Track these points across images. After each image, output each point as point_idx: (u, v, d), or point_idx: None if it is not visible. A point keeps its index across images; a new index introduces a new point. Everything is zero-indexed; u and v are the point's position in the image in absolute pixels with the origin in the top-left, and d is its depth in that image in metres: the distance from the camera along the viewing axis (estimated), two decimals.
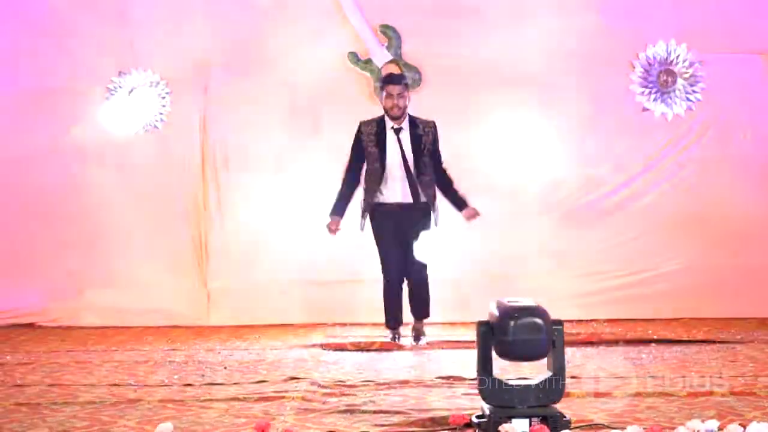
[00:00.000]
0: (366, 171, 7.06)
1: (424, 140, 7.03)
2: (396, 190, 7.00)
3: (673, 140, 8.24)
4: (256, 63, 8.27)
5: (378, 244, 7.09)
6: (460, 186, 7.89)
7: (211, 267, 8.29)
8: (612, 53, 8.24)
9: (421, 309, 7.22)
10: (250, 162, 8.25)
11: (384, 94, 7.03)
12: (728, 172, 8.25)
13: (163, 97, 8.30)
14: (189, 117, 8.29)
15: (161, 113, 8.31)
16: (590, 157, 8.25)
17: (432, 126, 7.10)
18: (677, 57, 8.24)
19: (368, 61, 8.16)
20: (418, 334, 7.17)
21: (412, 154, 6.98)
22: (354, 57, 8.16)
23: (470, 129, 8.19)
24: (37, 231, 8.28)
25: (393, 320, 7.20)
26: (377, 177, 6.98)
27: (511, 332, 4.19)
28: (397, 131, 7.00)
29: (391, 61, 8.13)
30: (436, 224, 7.07)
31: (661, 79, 8.24)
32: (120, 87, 8.30)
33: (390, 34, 8.18)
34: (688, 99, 8.24)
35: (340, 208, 7.08)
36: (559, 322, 4.32)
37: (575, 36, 8.23)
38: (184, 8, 8.29)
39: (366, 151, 7.02)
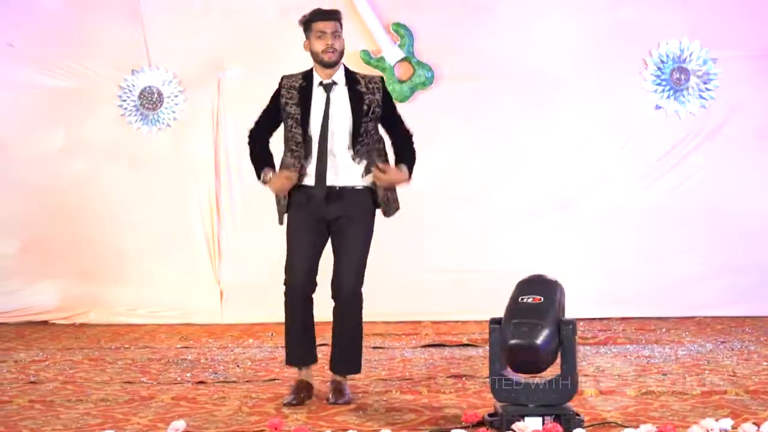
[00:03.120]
0: (285, 140, 5.19)
1: (369, 99, 5.09)
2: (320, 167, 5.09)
3: (687, 138, 8.21)
4: (269, 60, 8.25)
5: (287, 239, 5.14)
6: (473, 185, 7.98)
7: (224, 264, 8.30)
8: (625, 51, 8.21)
9: (344, 360, 5.14)
10: None
11: (312, 34, 5.10)
12: (742, 170, 8.21)
13: (176, 95, 8.32)
14: (202, 115, 8.30)
15: (174, 111, 8.33)
16: (603, 154, 8.22)
17: (379, 81, 5.21)
18: (690, 54, 8.21)
19: (381, 59, 8.15)
20: (337, 392, 5.04)
21: (351, 118, 5.06)
22: (366, 55, 8.15)
23: (483, 127, 8.18)
24: (51, 229, 8.30)
25: (295, 354, 5.13)
26: (299, 148, 5.07)
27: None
28: (328, 88, 5.10)
29: (403, 59, 8.12)
30: (386, 213, 5.20)
31: (674, 76, 8.22)
32: (133, 85, 8.32)
33: (402, 32, 8.17)
34: (701, 97, 8.22)
35: (265, 161, 5.17)
36: (572, 321, 4.32)
37: (588, 33, 8.21)
38: (197, 6, 8.29)
39: (284, 111, 5.13)
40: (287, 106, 5.12)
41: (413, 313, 8.03)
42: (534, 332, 4.18)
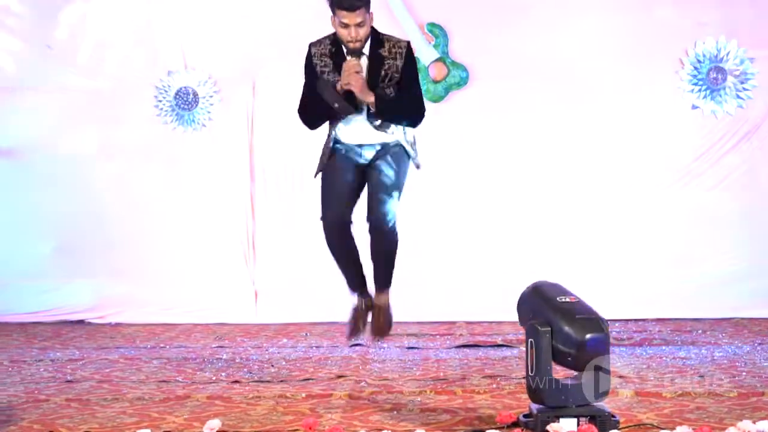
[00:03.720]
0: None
1: (388, 65, 5.25)
2: (355, 127, 5.36)
3: (724, 138, 8.15)
4: (303, 62, 8.27)
5: (322, 181, 5.43)
6: (508, 184, 7.96)
7: (258, 264, 8.32)
8: (661, 50, 8.15)
9: (378, 271, 5.44)
10: (298, 160, 8.26)
11: (335, 18, 5.25)
12: None
13: (211, 96, 8.36)
14: (237, 116, 8.33)
15: (209, 111, 8.36)
16: (639, 154, 8.18)
17: (404, 47, 5.33)
18: (727, 54, 8.15)
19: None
20: (380, 321, 5.49)
21: (368, 81, 5.26)
22: None
23: (518, 127, 8.15)
24: (86, 229, 8.36)
25: (351, 279, 5.52)
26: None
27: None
28: (356, 54, 5.30)
29: (438, 60, 8.11)
30: (417, 167, 5.49)
31: (711, 76, 8.16)
32: (169, 86, 8.36)
33: (437, 32, 8.16)
34: (738, 96, 8.15)
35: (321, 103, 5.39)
36: (604, 320, 4.30)
37: (624, 33, 8.16)
38: (233, 7, 8.32)
39: (321, 80, 5.39)
40: (323, 74, 5.35)
41: (447, 313, 8.00)
42: (602, 324, 4.19)
